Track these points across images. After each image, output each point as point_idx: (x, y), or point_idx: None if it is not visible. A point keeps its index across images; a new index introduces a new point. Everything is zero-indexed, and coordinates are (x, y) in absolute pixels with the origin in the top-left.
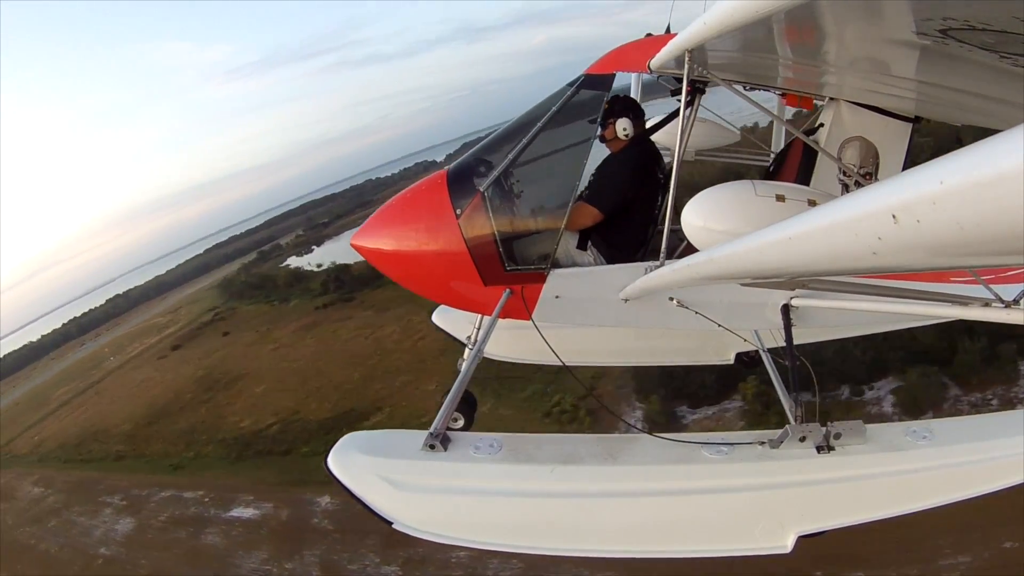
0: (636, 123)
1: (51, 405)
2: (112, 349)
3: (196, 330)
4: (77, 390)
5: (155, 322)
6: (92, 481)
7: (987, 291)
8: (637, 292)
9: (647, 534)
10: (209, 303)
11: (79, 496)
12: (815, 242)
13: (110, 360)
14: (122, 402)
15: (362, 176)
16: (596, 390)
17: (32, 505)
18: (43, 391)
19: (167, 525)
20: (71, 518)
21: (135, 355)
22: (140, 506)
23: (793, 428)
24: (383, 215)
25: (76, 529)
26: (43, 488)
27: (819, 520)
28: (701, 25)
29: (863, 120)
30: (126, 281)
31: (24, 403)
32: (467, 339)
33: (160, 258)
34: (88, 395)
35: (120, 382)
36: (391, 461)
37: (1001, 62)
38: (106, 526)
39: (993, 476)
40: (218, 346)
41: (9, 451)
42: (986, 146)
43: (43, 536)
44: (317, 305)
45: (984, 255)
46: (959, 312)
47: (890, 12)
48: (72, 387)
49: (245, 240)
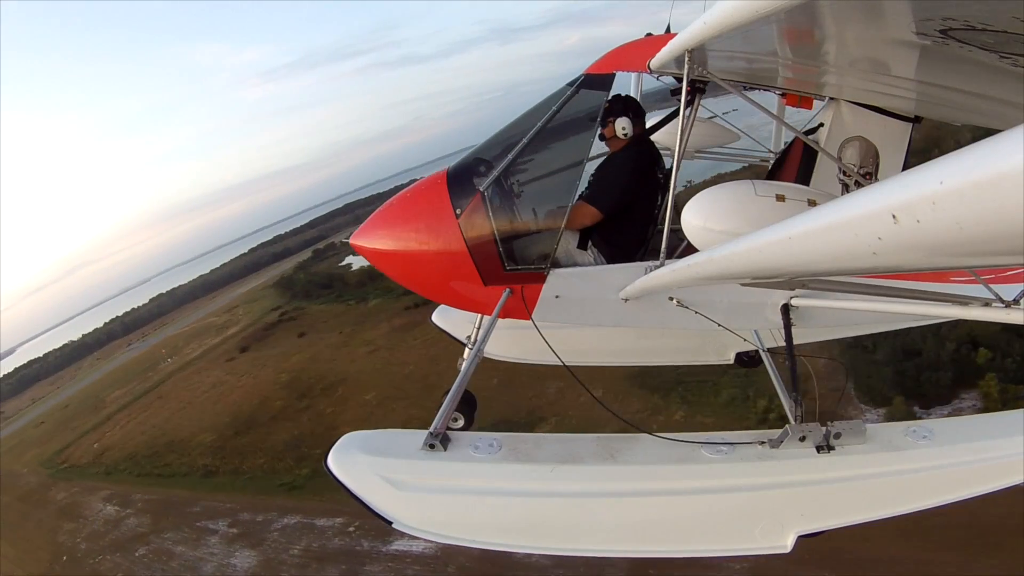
0: (636, 122)
1: (107, 409)
2: (169, 350)
3: (263, 331)
4: (134, 393)
5: (211, 322)
6: (181, 501)
7: (987, 291)
8: (637, 292)
9: (647, 534)
10: (269, 302)
11: (169, 519)
12: (815, 242)
13: (167, 361)
14: (195, 409)
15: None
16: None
17: (109, 528)
18: (94, 393)
19: (305, 560)
20: (165, 546)
21: (196, 356)
22: (259, 535)
23: (793, 428)
24: (383, 215)
25: (177, 561)
26: (118, 507)
27: (819, 520)
28: (701, 25)
29: (863, 120)
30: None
31: (75, 406)
32: (467, 339)
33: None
34: (148, 399)
35: (185, 386)
36: (391, 461)
37: (1001, 62)
38: (217, 559)
39: (993, 476)
40: (295, 348)
41: (65, 460)
42: (986, 146)
43: (133, 569)
44: (407, 305)
45: (984, 255)
46: (959, 312)
47: (890, 12)
48: (128, 390)
49: (293, 239)
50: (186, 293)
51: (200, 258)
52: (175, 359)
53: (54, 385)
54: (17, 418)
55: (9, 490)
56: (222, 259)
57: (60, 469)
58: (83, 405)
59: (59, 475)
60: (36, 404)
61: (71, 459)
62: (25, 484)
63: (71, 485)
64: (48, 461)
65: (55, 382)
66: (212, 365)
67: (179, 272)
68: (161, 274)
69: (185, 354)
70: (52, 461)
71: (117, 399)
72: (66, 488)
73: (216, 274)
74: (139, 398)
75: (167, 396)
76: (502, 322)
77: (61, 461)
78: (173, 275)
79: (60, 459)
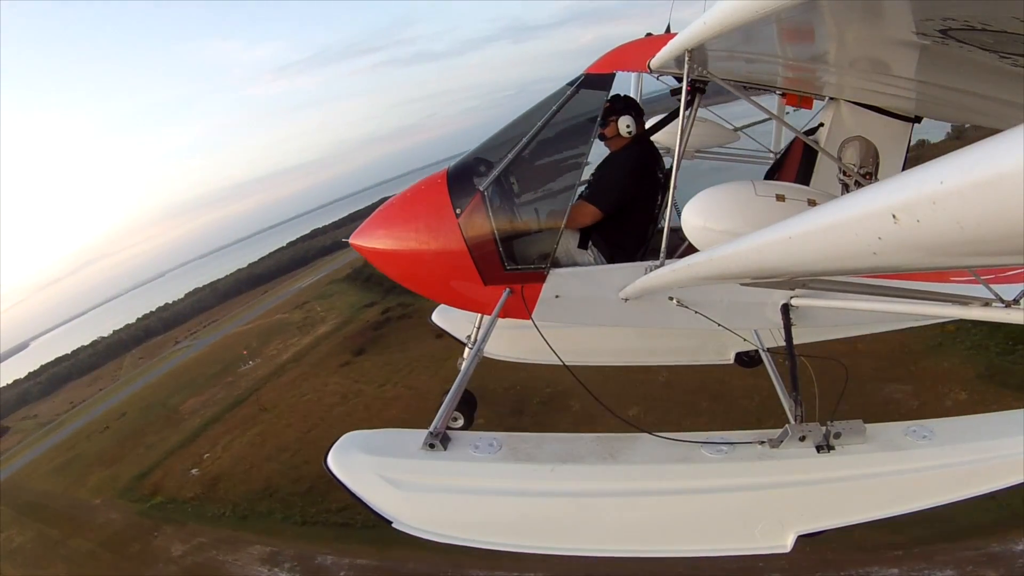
0: (636, 122)
1: (187, 421)
2: (250, 352)
3: (372, 330)
4: (219, 403)
5: (281, 319)
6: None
7: (987, 291)
8: (637, 292)
9: (647, 533)
10: (354, 298)
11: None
12: (815, 242)
13: (248, 364)
14: (330, 426)
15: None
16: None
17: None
18: (157, 399)
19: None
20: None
21: (288, 360)
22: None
23: (793, 427)
24: (383, 214)
25: None
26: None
27: (819, 520)
28: (701, 25)
29: (863, 120)
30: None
31: (135, 415)
32: (467, 339)
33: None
34: (246, 412)
35: (294, 396)
36: (391, 460)
37: (1001, 62)
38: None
39: (993, 476)
40: (438, 349)
41: (155, 490)
42: (986, 146)
43: None
44: None
45: (984, 255)
46: (959, 312)
47: (890, 12)
48: (207, 399)
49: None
50: (229, 287)
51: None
52: (255, 361)
53: (93, 386)
54: (58, 426)
55: (85, 530)
56: (243, 254)
57: (154, 505)
58: (148, 414)
59: (155, 513)
60: (78, 410)
61: (163, 489)
62: (107, 523)
63: (183, 531)
64: (128, 491)
65: (93, 383)
66: (319, 371)
67: (196, 267)
68: (177, 268)
69: (269, 356)
70: (134, 491)
71: (196, 410)
72: (177, 535)
73: (257, 268)
74: (231, 410)
75: (275, 408)
76: (502, 322)
77: (149, 492)
78: (190, 270)
79: (146, 488)
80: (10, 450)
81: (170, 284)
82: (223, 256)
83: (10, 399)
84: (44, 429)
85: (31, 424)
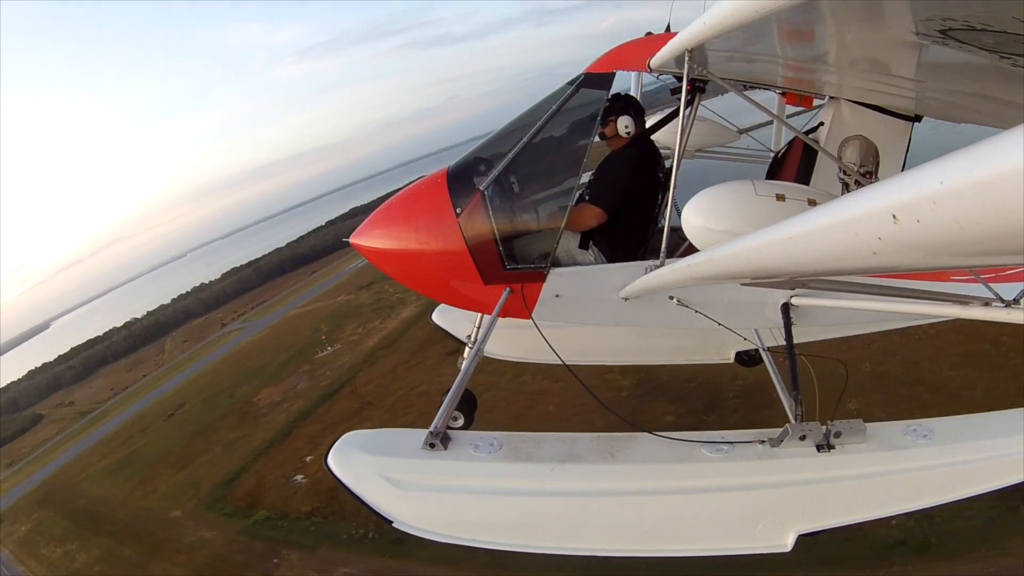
0: (636, 122)
1: (268, 416)
2: (328, 337)
3: None
4: (304, 395)
5: (349, 300)
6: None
7: (987, 290)
8: (637, 291)
9: (647, 533)
10: None
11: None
12: (815, 242)
13: (327, 350)
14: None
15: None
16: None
17: None
18: (220, 388)
19: None
20: None
21: (377, 345)
22: None
23: (793, 427)
24: (383, 214)
25: None
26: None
27: (819, 519)
28: (701, 25)
29: (863, 119)
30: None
31: (195, 405)
32: (467, 338)
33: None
34: (349, 406)
35: (403, 386)
36: (391, 460)
37: (1001, 62)
38: None
39: (993, 475)
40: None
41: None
42: (986, 146)
43: None
44: None
45: (984, 255)
46: (959, 312)
47: (890, 12)
48: (283, 388)
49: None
50: (272, 267)
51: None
52: (337, 347)
53: (134, 371)
54: (102, 416)
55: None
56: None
57: (258, 521)
58: (212, 406)
59: (264, 532)
60: (122, 399)
61: (265, 500)
62: (199, 544)
63: (315, 559)
64: (216, 501)
65: (132, 367)
66: (422, 359)
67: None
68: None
69: (350, 341)
70: (224, 502)
71: (277, 402)
72: (309, 564)
73: (299, 247)
74: (323, 403)
75: (383, 402)
76: (502, 321)
77: (246, 504)
78: (214, 249)
79: (239, 499)
80: (50, 442)
81: (192, 265)
82: (247, 235)
83: (41, 384)
84: (86, 419)
85: (68, 412)
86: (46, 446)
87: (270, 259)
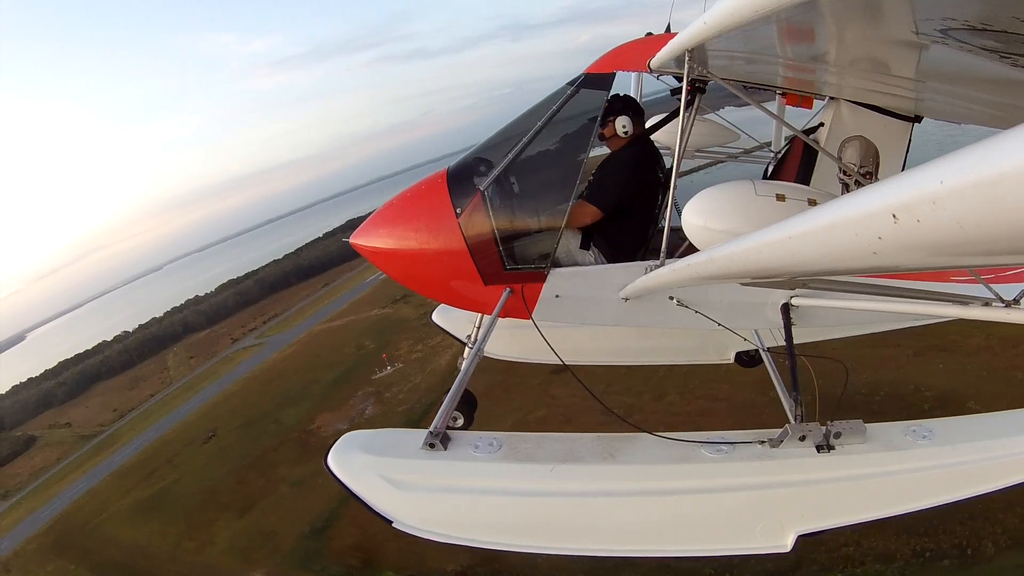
0: (636, 122)
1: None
2: (389, 356)
3: None
4: (378, 420)
5: (387, 315)
6: None
7: (987, 290)
8: (637, 291)
9: (647, 533)
10: None
11: None
12: (815, 242)
13: (387, 370)
14: None
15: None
16: None
17: None
18: (263, 413)
19: None
20: None
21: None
22: None
23: (793, 427)
24: (383, 214)
25: None
26: None
27: (819, 520)
28: (701, 25)
29: (863, 119)
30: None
31: (238, 435)
32: (467, 338)
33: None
34: None
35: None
36: (391, 460)
37: (1001, 62)
38: None
39: (993, 475)
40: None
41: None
42: (986, 146)
43: None
44: None
45: (984, 255)
46: (959, 312)
47: (890, 12)
48: (351, 414)
49: None
50: (275, 279)
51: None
52: (398, 366)
53: (136, 390)
54: (110, 440)
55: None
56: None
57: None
58: (256, 434)
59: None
60: (131, 421)
61: (380, 557)
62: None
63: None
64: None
65: (132, 385)
66: (524, 379)
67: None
68: (176, 260)
69: (414, 361)
70: (319, 557)
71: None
72: None
73: (300, 260)
74: None
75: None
76: (502, 321)
77: (358, 561)
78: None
79: (339, 551)
80: (50, 470)
81: (171, 277)
82: (227, 248)
83: (29, 401)
84: (91, 444)
85: (66, 435)
86: (46, 475)
87: (270, 270)
